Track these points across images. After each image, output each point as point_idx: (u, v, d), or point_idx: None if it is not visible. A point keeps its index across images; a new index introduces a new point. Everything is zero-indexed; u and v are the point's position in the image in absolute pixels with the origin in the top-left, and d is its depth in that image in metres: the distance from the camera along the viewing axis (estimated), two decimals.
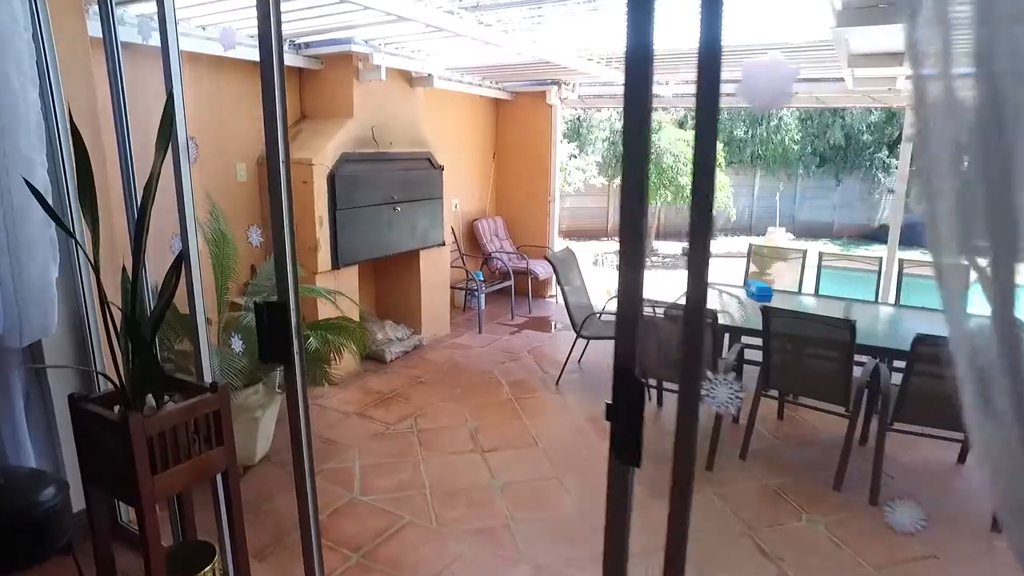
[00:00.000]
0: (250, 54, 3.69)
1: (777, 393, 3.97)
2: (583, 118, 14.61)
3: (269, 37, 1.56)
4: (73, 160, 2.19)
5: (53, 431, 2.54)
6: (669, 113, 13.19)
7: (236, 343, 2.97)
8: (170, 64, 1.86)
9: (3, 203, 2.01)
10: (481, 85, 6.62)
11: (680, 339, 1.06)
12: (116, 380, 1.94)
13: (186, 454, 1.88)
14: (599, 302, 5.39)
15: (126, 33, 2.68)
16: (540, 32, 4.03)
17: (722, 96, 0.98)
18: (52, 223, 2.10)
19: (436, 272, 5.75)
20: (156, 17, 1.84)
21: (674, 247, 14.09)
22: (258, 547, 2.74)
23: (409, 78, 5.20)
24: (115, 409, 1.90)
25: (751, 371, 3.73)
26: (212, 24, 3.71)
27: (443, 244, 5.75)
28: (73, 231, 2.34)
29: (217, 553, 2.22)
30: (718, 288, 4.93)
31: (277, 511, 3.06)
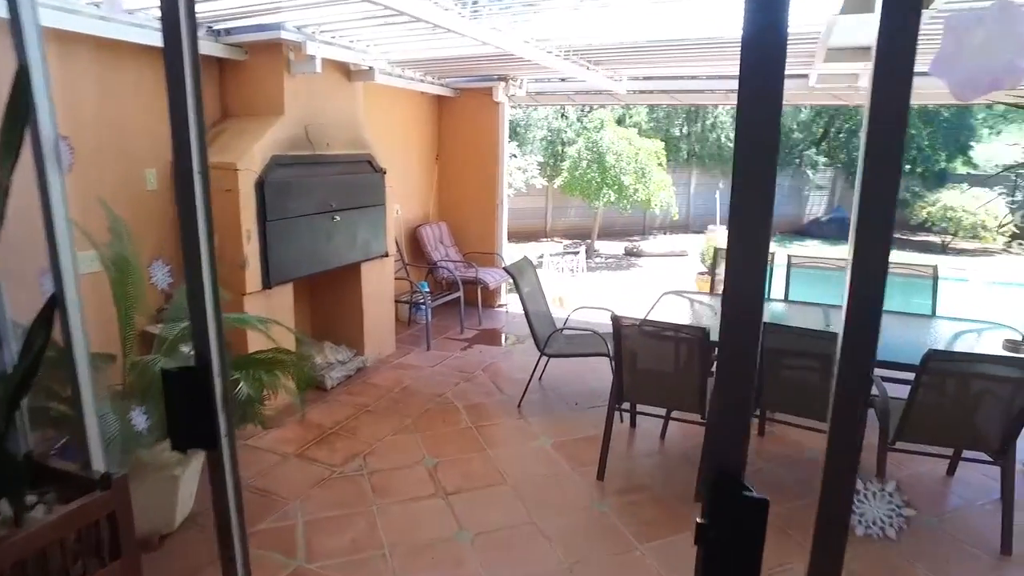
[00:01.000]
0: (158, 39, 3.08)
1: (758, 411, 3.72)
2: (521, 117, 14.28)
3: (176, 13, 1.08)
4: None
5: None
6: (608, 110, 13.01)
7: (138, 418, 2.25)
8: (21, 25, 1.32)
9: None
10: (423, 80, 6.12)
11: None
12: None
13: None
14: (556, 312, 5.01)
15: None
16: (501, 19, 3.60)
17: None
18: None
19: (379, 286, 5.22)
20: None
21: (614, 247, 13.95)
22: None
23: (347, 71, 4.66)
24: None
25: None
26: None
27: (386, 255, 5.23)
28: None
29: None
30: (687, 296, 4.65)
31: None
